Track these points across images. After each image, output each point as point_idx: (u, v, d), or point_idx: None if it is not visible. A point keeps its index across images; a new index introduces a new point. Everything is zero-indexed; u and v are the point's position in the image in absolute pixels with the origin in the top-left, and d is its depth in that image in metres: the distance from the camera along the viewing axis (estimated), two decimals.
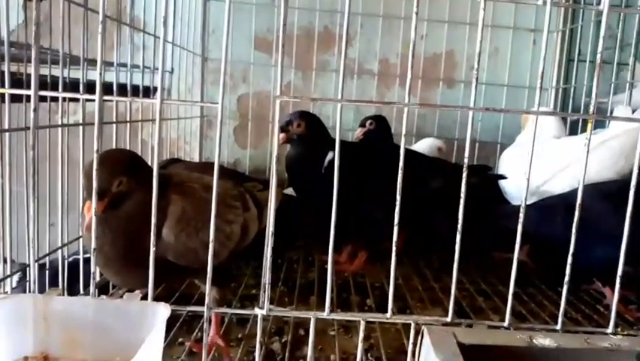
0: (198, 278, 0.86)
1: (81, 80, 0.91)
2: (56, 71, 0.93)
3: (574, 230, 0.69)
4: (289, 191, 1.34)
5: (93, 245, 0.65)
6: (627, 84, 1.56)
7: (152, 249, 0.67)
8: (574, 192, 1.13)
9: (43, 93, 0.66)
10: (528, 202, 1.32)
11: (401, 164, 0.66)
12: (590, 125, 0.65)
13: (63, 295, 0.89)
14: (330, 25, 1.86)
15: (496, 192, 1.44)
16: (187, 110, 1.69)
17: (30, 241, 0.69)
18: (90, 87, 0.86)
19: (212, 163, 1.24)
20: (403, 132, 0.66)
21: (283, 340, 0.99)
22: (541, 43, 0.68)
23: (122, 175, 0.71)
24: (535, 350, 0.65)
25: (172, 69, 1.51)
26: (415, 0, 0.63)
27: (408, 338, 0.74)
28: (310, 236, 1.51)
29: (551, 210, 1.17)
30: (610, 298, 1.16)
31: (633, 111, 1.28)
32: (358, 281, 1.27)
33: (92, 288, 0.68)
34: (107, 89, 0.96)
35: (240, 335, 0.99)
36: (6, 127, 0.75)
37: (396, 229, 0.68)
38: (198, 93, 1.80)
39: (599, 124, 1.47)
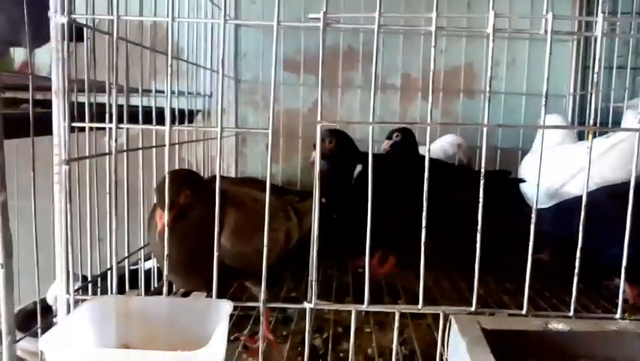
0: (250, 280, 0.97)
1: (141, 110, 1.03)
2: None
3: (575, 227, 0.78)
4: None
5: (166, 251, 0.77)
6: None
7: (216, 253, 0.78)
8: (589, 193, 1.22)
9: (100, 125, 0.79)
10: (548, 205, 1.41)
11: (426, 175, 0.76)
12: (590, 135, 0.74)
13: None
14: (354, 44, 1.97)
15: (518, 196, 1.52)
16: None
17: (112, 251, 0.81)
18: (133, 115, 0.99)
19: (251, 178, 1.36)
20: (427, 147, 0.77)
21: (324, 336, 1.10)
22: (558, 51, 0.76)
23: (186, 189, 0.84)
24: (550, 333, 0.74)
25: (211, 93, 1.64)
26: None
27: (438, 332, 0.84)
28: (344, 243, 1.61)
29: (568, 211, 1.24)
30: (628, 293, 1.23)
31: None
32: (390, 285, 1.36)
33: (165, 289, 0.80)
34: (149, 114, 1.09)
35: (285, 333, 1.10)
36: (86, 154, 0.88)
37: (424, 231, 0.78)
38: (233, 112, 1.93)
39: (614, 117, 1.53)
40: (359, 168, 1.33)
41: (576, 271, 0.76)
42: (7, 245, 0.73)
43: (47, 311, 1.21)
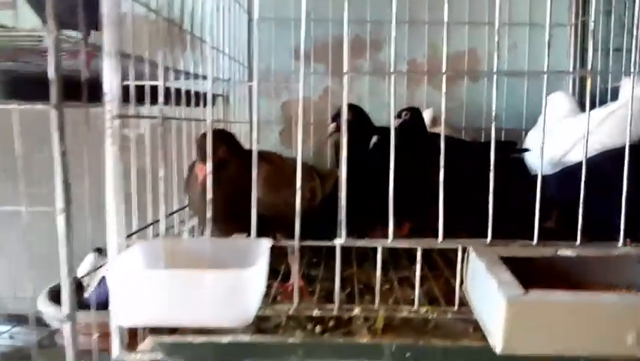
0: (281, 232, 1.05)
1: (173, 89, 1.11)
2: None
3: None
4: None
5: (209, 195, 0.86)
6: (633, 67, 1.70)
7: (254, 197, 0.87)
8: (589, 158, 1.30)
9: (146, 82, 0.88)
10: (552, 172, 1.48)
11: (442, 134, 0.84)
12: (588, 81, 0.82)
13: None
14: (361, 34, 2.06)
15: (523, 167, 1.60)
16: (236, 115, 1.90)
17: (160, 203, 0.89)
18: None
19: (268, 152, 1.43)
20: (443, 101, 0.85)
21: (347, 292, 1.18)
22: (557, 36, 0.84)
23: (222, 145, 0.93)
24: (560, 258, 0.82)
25: (229, 78, 1.73)
26: None
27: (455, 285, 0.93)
28: (363, 214, 1.68)
29: (571, 176, 1.32)
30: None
31: None
32: (407, 250, 1.43)
33: (208, 231, 0.88)
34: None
35: (310, 289, 1.18)
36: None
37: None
38: (247, 101, 2.02)
39: (613, 97, 1.61)
40: (374, 139, 1.41)
41: (581, 202, 0.84)
42: (67, 191, 0.82)
43: (78, 289, 1.30)
